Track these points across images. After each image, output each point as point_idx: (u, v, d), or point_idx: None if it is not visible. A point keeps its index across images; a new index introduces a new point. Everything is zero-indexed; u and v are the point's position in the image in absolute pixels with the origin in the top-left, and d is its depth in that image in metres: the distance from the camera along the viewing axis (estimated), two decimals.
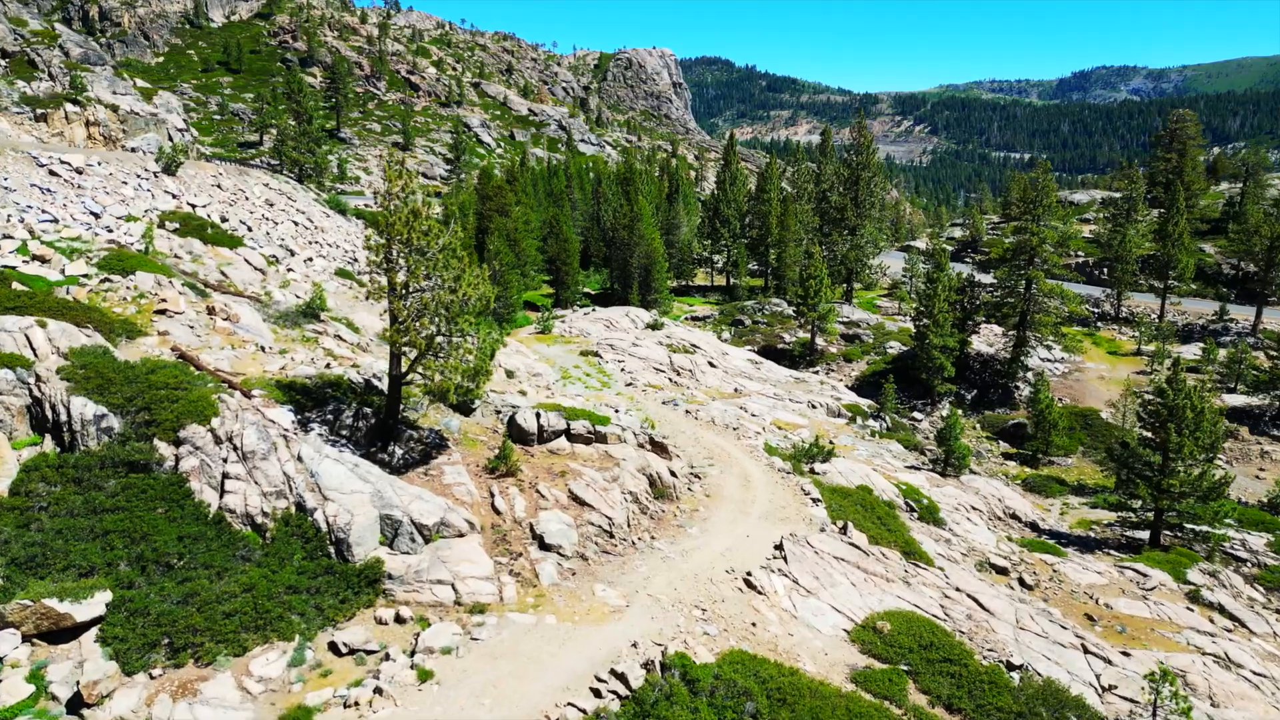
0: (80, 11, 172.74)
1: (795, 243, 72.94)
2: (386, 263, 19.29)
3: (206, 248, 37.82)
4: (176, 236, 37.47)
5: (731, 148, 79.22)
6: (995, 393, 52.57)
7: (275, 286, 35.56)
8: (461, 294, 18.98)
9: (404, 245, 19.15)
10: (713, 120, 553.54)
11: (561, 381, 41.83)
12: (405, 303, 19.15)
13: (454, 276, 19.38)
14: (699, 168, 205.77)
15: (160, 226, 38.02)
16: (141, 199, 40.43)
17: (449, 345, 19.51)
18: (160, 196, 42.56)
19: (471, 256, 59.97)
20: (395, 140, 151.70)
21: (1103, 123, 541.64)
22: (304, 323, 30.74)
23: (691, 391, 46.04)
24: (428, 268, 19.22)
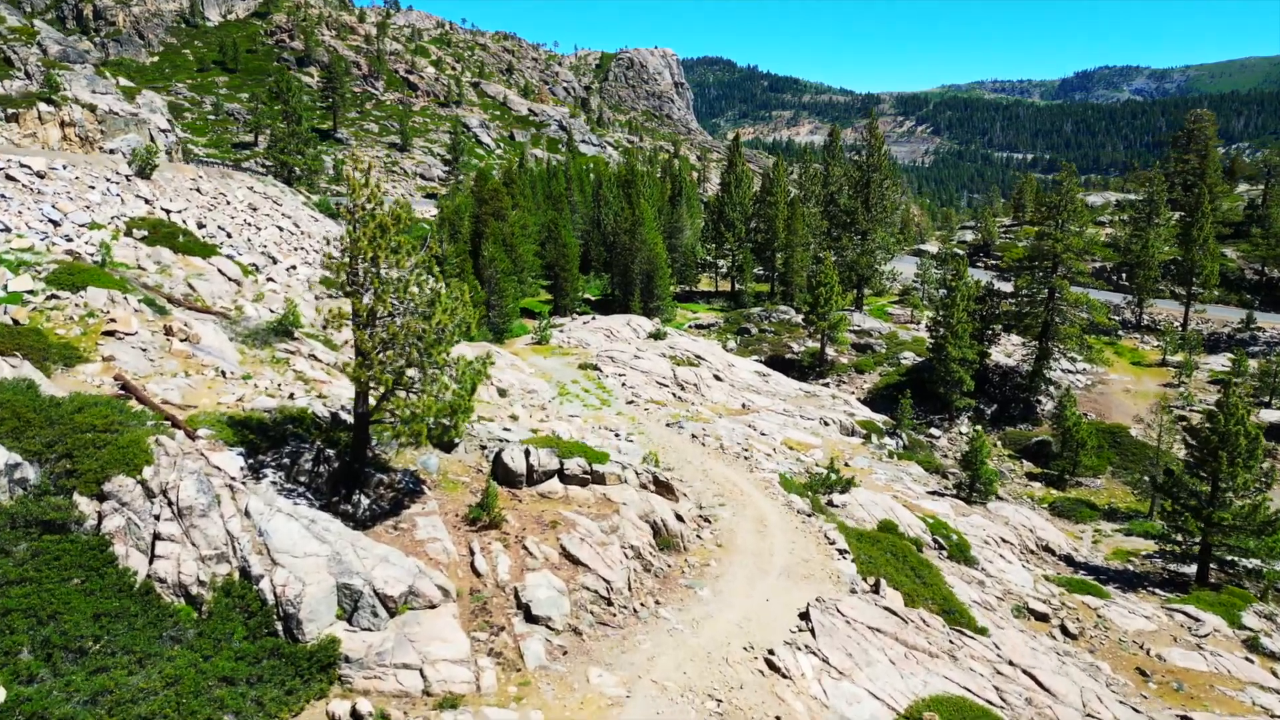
0: (74, 10, 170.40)
1: (803, 247, 70.32)
2: (349, 286, 16.67)
3: (176, 257, 35.21)
4: (144, 245, 34.87)
5: (736, 149, 76.56)
6: (1016, 407, 49.89)
7: (248, 300, 32.94)
8: (436, 321, 16.35)
9: (370, 265, 16.54)
10: (714, 120, 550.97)
11: (558, 399, 39.19)
12: (371, 332, 16.52)
13: (427, 301, 16.75)
14: (701, 169, 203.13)
15: (126, 234, 35.44)
16: (109, 205, 37.85)
17: (423, 380, 16.89)
18: (131, 202, 39.98)
19: (466, 265, 57.42)
20: (393, 141, 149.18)
21: (1106, 123, 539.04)
22: (275, 341, 28.12)
23: (697, 408, 43.39)
24: (397, 291, 16.60)
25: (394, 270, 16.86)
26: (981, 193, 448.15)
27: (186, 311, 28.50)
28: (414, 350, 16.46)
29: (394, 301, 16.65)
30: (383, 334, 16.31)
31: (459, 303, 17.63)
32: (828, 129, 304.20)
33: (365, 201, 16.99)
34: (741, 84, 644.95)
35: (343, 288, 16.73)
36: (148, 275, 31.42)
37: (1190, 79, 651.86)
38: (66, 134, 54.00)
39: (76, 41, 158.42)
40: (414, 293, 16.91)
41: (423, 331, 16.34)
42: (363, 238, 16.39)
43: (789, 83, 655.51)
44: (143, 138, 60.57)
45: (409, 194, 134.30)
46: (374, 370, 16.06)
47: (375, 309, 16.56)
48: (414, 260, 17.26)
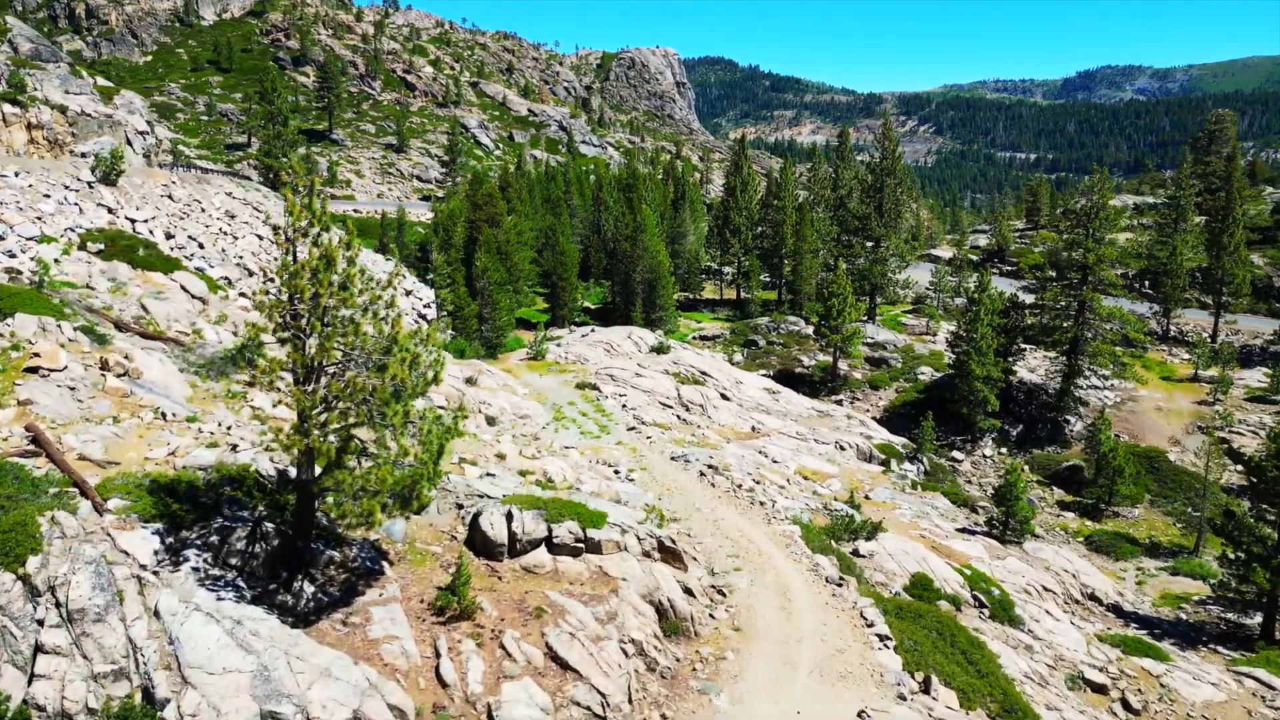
0: (66, 9, 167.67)
1: (811, 254, 67.23)
2: (285, 332, 13.61)
3: (134, 273, 32.16)
4: (98, 260, 31.83)
5: (743, 151, 73.38)
6: (1043, 428, 46.76)
7: (210, 321, 29.87)
8: (390, 375, 13.27)
9: (311, 306, 13.47)
10: (716, 120, 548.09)
11: (553, 424, 36.11)
12: (311, 387, 13.46)
13: (383, 348, 13.69)
14: (704, 170, 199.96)
15: (80, 248, 32.38)
16: (65, 215, 34.79)
17: (378, 444, 13.83)
18: (91, 211, 36.93)
19: (458, 275, 54.34)
20: (389, 142, 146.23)
21: (1109, 122, 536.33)
22: (233, 371, 25.03)
23: (703, 432, 40.30)
24: (344, 337, 13.53)
25: (342, 309, 13.78)
26: (985, 193, 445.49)
27: (134, 338, 25.46)
28: (362, 412, 13.38)
29: (340, 349, 13.58)
30: (323, 391, 13.23)
31: (424, 347, 14.56)
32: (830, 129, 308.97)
33: (307, 225, 13.91)
34: (743, 84, 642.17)
35: (277, 332, 13.65)
36: (96, 295, 28.37)
37: (1193, 79, 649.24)
38: (34, 137, 50.90)
39: (70, 39, 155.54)
40: (366, 335, 13.84)
41: (374, 387, 13.25)
42: (302, 272, 13.32)
43: (791, 82, 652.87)
44: (118, 140, 57.47)
45: (405, 196, 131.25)
46: (312, 438, 12.98)
47: (317, 359, 13.48)
48: (366, 297, 14.19)
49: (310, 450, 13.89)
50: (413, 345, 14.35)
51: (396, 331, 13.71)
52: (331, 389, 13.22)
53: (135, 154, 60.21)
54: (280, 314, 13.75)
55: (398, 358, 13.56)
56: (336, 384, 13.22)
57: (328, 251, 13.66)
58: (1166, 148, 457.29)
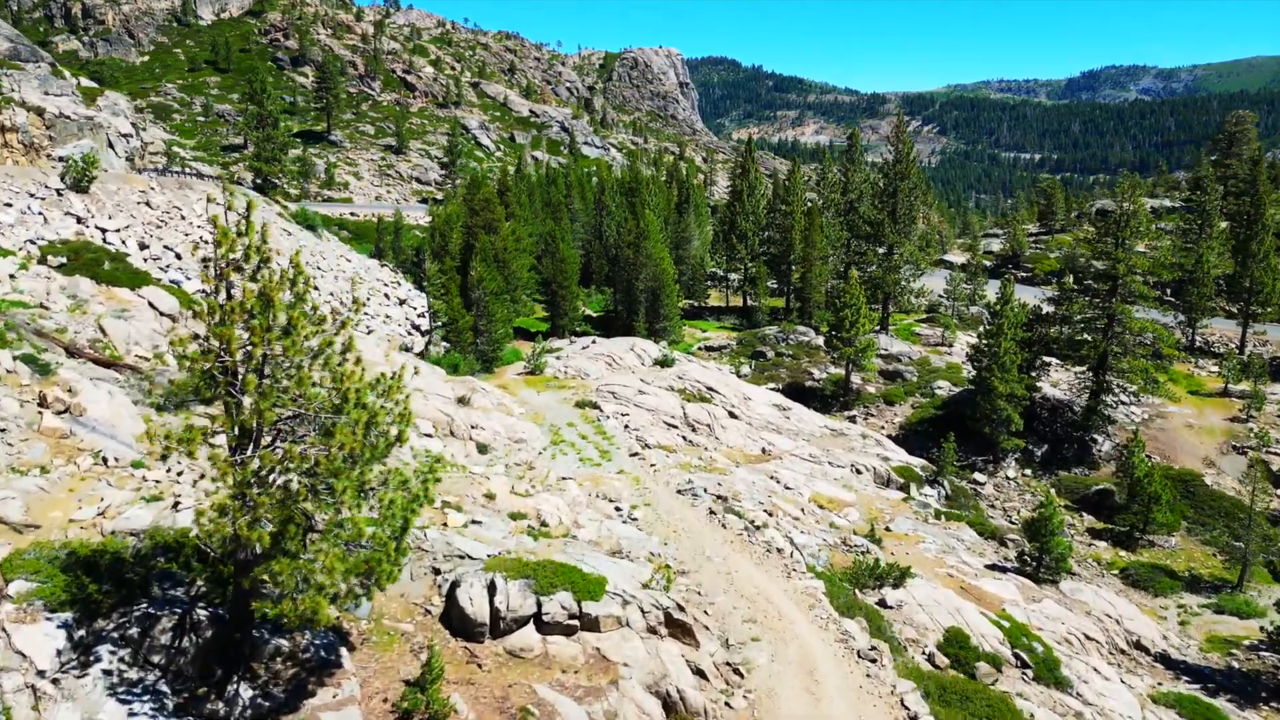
0: (63, 9, 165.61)
1: (821, 260, 64.77)
2: (210, 390, 11.23)
3: (98, 289, 29.79)
4: (59, 275, 29.48)
5: (750, 154, 70.89)
6: (1069, 448, 44.26)
7: (169, 346, 27.46)
8: (338, 445, 10.86)
9: (244, 356, 11.07)
10: (719, 120, 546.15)
11: (550, 450, 33.71)
12: (243, 458, 11.07)
13: (332, 407, 11.29)
14: (708, 171, 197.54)
15: (40, 262, 30.03)
16: (27, 225, 32.45)
17: (325, 526, 11.42)
18: (58, 221, 34.58)
19: (453, 284, 51.94)
20: (389, 143, 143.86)
21: (1114, 123, 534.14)
22: (195, 404, 22.62)
23: (711, 454, 37.88)
24: (284, 393, 11.14)
25: (285, 360, 11.38)
26: (989, 193, 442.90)
27: (86, 366, 23.10)
28: (303, 488, 10.99)
29: (283, 412, 11.18)
30: (257, 464, 10.83)
31: (387, 399, 12.18)
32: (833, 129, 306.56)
33: (241, 258, 11.51)
34: (746, 84, 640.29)
35: (200, 392, 11.27)
36: (51, 315, 25.99)
37: (1198, 78, 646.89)
38: (7, 140, 48.60)
39: (66, 39, 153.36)
40: (315, 393, 11.44)
41: (318, 458, 10.85)
42: (233, 316, 10.91)
43: (794, 82, 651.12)
44: (99, 143, 55.22)
45: (404, 198, 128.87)
46: (238, 524, 10.57)
47: (251, 423, 11.07)
48: (317, 341, 11.80)
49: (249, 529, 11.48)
50: (372, 399, 11.95)
51: (349, 387, 11.25)
52: (265, 461, 10.81)
53: (118, 157, 57.95)
54: (208, 367, 11.35)
55: (350, 419, 11.14)
56: (270, 456, 10.80)
57: (266, 289, 11.25)
58: (1173, 148, 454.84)
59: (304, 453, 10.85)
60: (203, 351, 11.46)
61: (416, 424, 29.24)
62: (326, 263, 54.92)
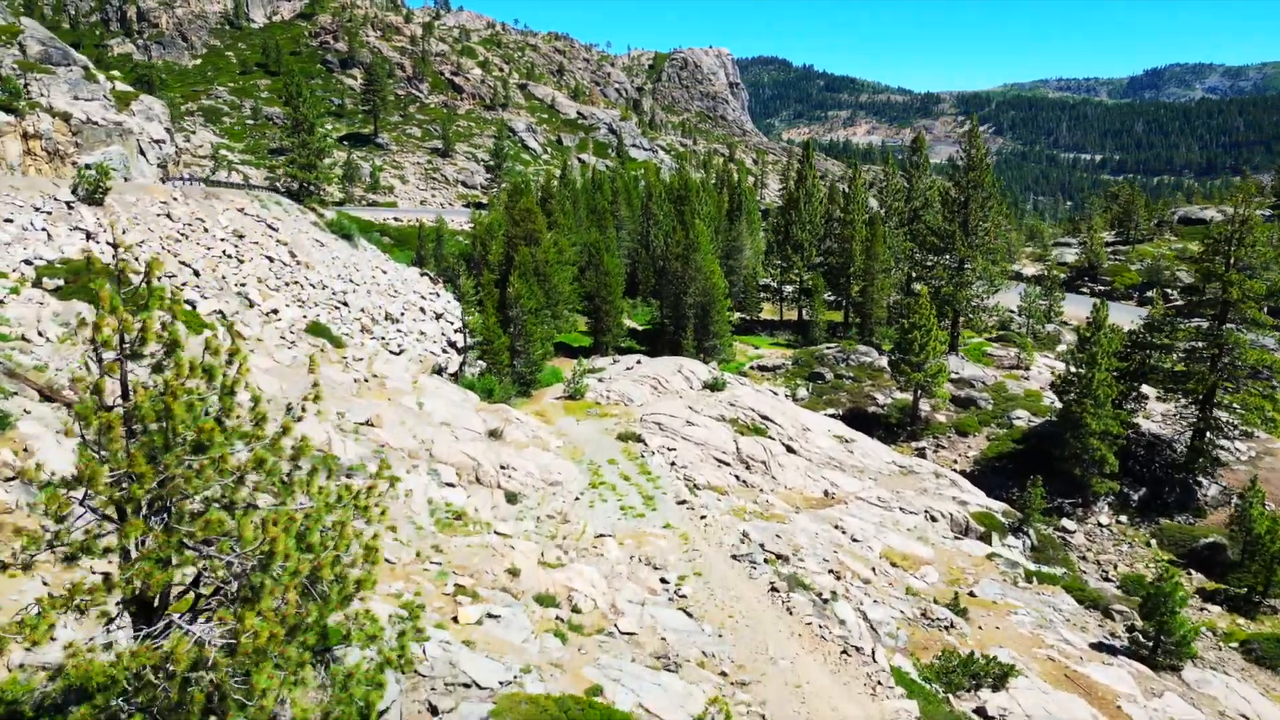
0: (118, 12, 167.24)
1: (883, 273, 60.39)
2: (104, 527, 7.93)
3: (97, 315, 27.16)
4: (54, 299, 26.88)
5: (808, 158, 66.62)
6: (1170, 492, 39.48)
7: None
8: (248, 632, 7.41)
9: (135, 475, 7.72)
10: (769, 120, 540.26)
11: (588, 494, 30.26)
12: (142, 632, 7.72)
13: (257, 562, 7.87)
14: (759, 173, 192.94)
15: (35, 284, 27.45)
16: (27, 243, 29.94)
17: None
18: (63, 237, 32.09)
19: (492, 299, 48.83)
20: (435, 146, 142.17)
21: (1179, 122, 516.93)
22: None
23: (767, 497, 34.11)
24: (184, 542, 7.76)
25: (193, 487, 8.00)
26: (1048, 195, 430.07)
27: (61, 413, 20.22)
28: (225, 677, 7.58)
29: (185, 571, 7.82)
30: (164, 647, 7.47)
31: (359, 519, 8.76)
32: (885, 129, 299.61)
33: (138, 338, 8.19)
34: (797, 84, 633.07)
35: (90, 538, 7.97)
36: (34, 349, 23.25)
37: (1266, 77, 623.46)
38: (30, 148, 46.72)
39: (121, 42, 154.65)
40: (247, 538, 8.03)
41: (237, 634, 7.45)
42: (110, 436, 7.57)
43: (845, 82, 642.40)
44: (128, 150, 53.30)
45: (449, 202, 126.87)
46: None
47: (138, 580, 7.70)
48: (248, 454, 8.42)
49: None
50: (323, 538, 8.52)
51: (273, 545, 7.77)
52: (174, 647, 7.43)
53: (149, 165, 56.01)
54: (97, 494, 8.01)
55: (282, 582, 7.72)
56: (180, 640, 7.42)
57: (172, 387, 7.88)
58: (1241, 149, 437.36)
59: (211, 642, 7.43)
60: (92, 466, 8.09)
61: (438, 471, 26.03)
62: (361, 274, 52.26)
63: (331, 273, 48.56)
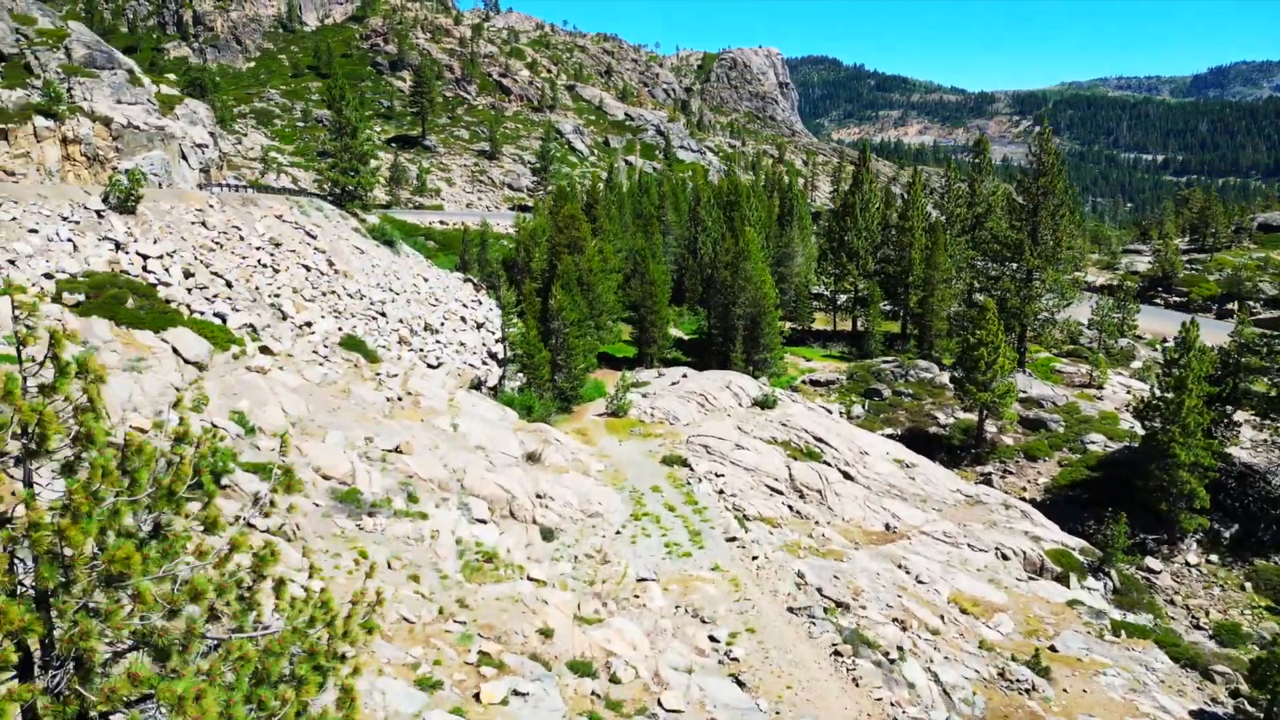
0: (175, 16, 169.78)
1: (944, 283, 57.33)
2: None
3: (118, 331, 25.79)
4: (73, 316, 25.59)
5: (864, 162, 63.64)
6: (1266, 529, 36.10)
7: (185, 407, 22.98)
8: None
9: (16, 631, 5.79)
10: (818, 121, 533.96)
11: (630, 527, 28.16)
12: None
13: None
14: (808, 174, 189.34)
15: (55, 299, 26.22)
16: (49, 256, 28.79)
17: None
18: (90, 248, 30.94)
19: (534, 309, 47.00)
20: (482, 148, 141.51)
21: (1246, 122, 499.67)
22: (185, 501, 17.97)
23: (823, 531, 31.68)
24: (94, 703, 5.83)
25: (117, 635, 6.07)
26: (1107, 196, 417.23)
27: None
28: None
29: None
30: None
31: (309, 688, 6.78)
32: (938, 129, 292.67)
33: (35, 438, 6.29)
34: (847, 83, 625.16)
35: None
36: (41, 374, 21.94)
37: None
38: (69, 153, 46.14)
39: (177, 45, 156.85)
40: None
41: None
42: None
43: (897, 81, 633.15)
44: (170, 155, 52.66)
45: (494, 205, 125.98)
46: None
47: None
48: (186, 584, 6.49)
49: None
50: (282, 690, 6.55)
51: None
52: None
53: (191, 169, 55.37)
54: None
55: None
56: None
57: (74, 504, 5.96)
58: None
59: None
60: None
61: (469, 505, 24.14)
62: (401, 283, 50.89)
63: (370, 281, 47.22)
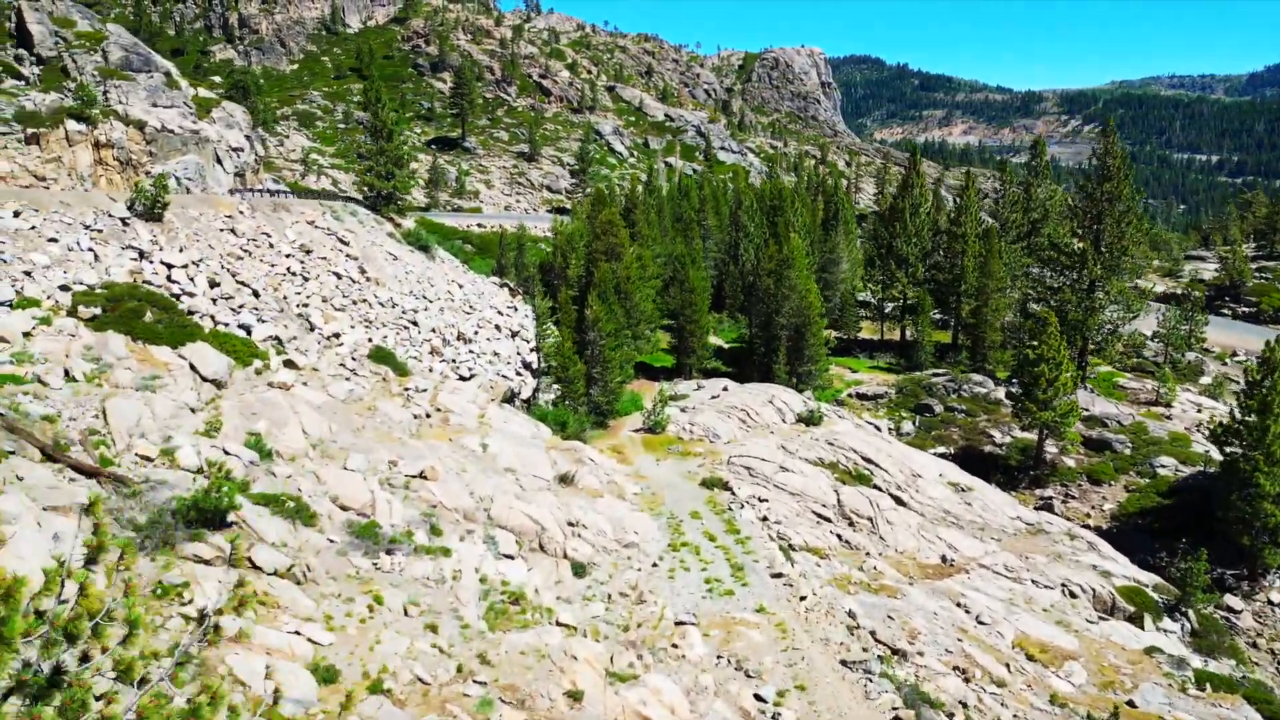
0: (221, 19, 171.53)
1: (998, 292, 54.66)
2: None
3: (135, 347, 24.60)
4: (88, 330, 24.46)
5: (915, 165, 61.04)
6: None
7: (196, 432, 21.60)
8: None
9: None
10: (860, 120, 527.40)
11: (668, 558, 26.38)
12: None
13: None
14: (851, 175, 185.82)
15: (70, 313, 25.10)
16: (68, 266, 27.78)
17: None
18: (112, 257, 29.93)
19: (569, 318, 45.40)
20: (521, 150, 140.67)
21: None
22: (185, 541, 16.51)
23: (874, 563, 29.62)
24: None
25: None
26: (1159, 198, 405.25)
27: (61, 479, 17.38)
28: None
29: None
30: None
31: None
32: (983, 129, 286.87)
33: None
34: (890, 83, 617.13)
35: None
36: (50, 394, 20.64)
37: None
38: (102, 157, 45.55)
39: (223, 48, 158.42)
40: None
41: None
42: None
43: (941, 81, 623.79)
44: (204, 159, 52.02)
45: (533, 208, 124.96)
46: None
47: None
48: None
49: None
50: None
51: None
52: None
53: (225, 174, 54.70)
54: None
55: None
56: None
57: None
58: None
59: None
60: None
61: (495, 538, 22.52)
62: (434, 290, 49.66)
63: (403, 289, 46.02)
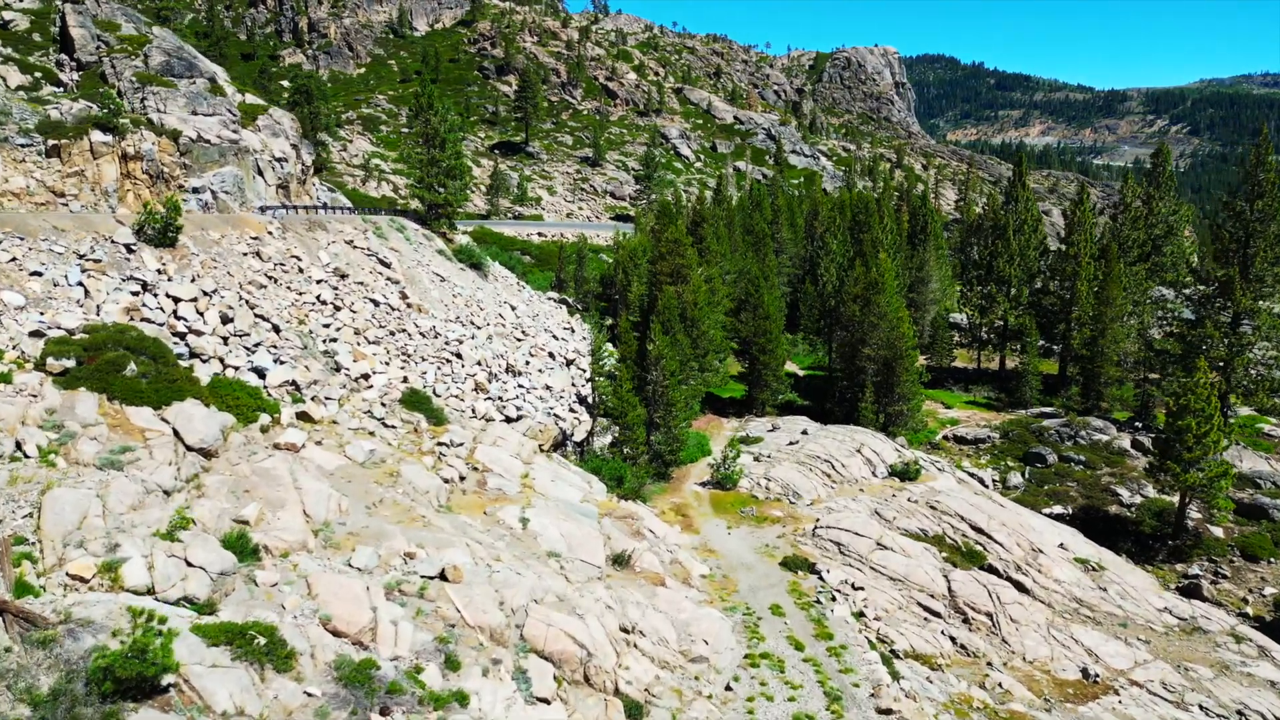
0: (291, 24, 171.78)
1: (1116, 320, 47.93)
2: None
3: (110, 409, 20.52)
4: (55, 389, 20.47)
5: (1021, 177, 54.38)
6: None
7: (157, 533, 17.24)
8: None
9: None
10: (933, 121, 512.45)
11: (745, 679, 21.26)
12: None
13: None
14: (928, 180, 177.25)
15: (38, 366, 21.13)
16: (45, 307, 23.88)
17: None
18: (106, 293, 26.05)
19: (630, 348, 40.48)
20: (585, 154, 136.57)
21: None
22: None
23: (999, 677, 23.96)
24: None
25: None
26: None
27: None
28: None
29: None
30: None
31: None
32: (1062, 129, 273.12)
33: None
34: (964, 82, 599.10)
35: None
36: None
37: None
38: (129, 170, 42.11)
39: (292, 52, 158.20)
40: None
41: None
42: None
43: (1018, 80, 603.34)
44: (243, 170, 48.53)
45: (595, 215, 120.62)
46: None
47: None
48: None
49: None
50: None
51: None
52: None
53: (267, 185, 51.25)
54: None
55: None
56: None
57: None
58: None
59: None
60: None
61: (527, 671, 17.66)
62: (484, 314, 45.34)
63: (448, 314, 41.73)
